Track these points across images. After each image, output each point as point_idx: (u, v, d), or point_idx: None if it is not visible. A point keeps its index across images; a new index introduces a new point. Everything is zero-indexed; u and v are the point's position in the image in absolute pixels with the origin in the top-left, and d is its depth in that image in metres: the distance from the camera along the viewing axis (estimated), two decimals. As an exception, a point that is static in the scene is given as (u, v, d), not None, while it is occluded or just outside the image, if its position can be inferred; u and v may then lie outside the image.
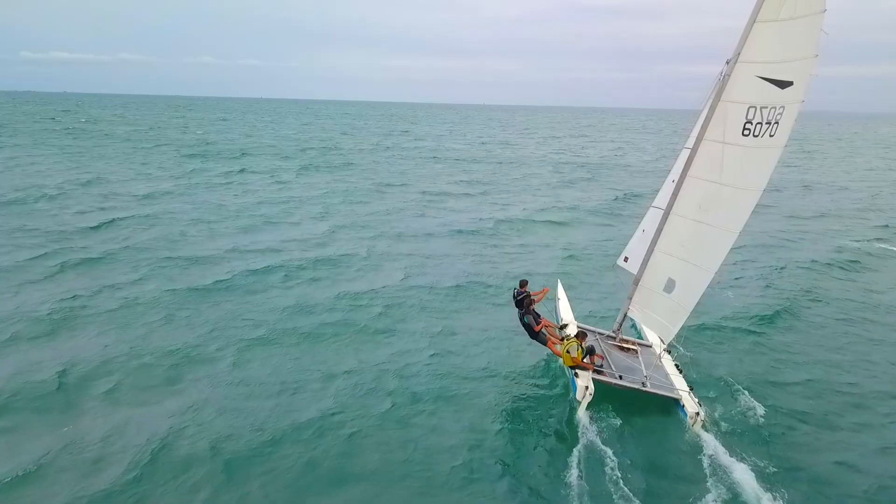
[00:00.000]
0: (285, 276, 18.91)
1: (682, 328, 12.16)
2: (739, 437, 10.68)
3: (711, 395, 11.95)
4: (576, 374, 11.25)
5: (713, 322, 15.71)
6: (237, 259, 20.70)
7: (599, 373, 11.61)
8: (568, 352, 11.37)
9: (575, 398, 11.14)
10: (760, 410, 11.45)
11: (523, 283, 12.82)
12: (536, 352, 13.71)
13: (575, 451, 10.07)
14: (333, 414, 11.13)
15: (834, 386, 12.80)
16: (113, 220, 25.83)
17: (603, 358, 12.20)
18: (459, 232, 25.72)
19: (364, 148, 66.82)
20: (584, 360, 11.47)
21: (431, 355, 13.49)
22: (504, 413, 11.37)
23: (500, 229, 26.63)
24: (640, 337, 13.96)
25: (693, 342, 14.39)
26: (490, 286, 18.61)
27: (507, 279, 18.76)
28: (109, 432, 10.42)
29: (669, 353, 13.03)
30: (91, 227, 24.65)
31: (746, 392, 12.09)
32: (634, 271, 12.61)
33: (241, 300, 16.67)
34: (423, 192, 36.57)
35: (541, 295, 12.92)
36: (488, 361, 13.36)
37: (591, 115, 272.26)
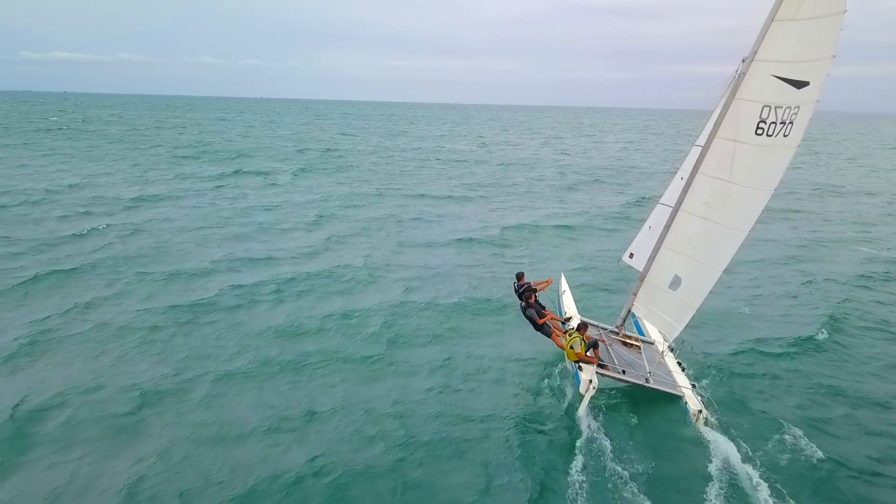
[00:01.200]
0: (274, 290, 17.47)
1: (693, 332, 12.19)
2: (753, 454, 10.07)
3: (736, 432, 10.62)
4: (579, 368, 11.09)
5: (743, 345, 14.34)
6: (223, 272, 19.27)
7: (603, 367, 11.48)
8: (572, 347, 11.14)
9: (578, 391, 10.98)
10: (792, 449, 10.27)
11: (520, 276, 12.69)
12: (542, 385, 12.35)
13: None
14: (315, 458, 9.76)
15: (876, 424, 11.32)
16: (94, 228, 24.46)
17: (604, 341, 12.33)
18: (461, 240, 24.23)
19: (363, 149, 65.43)
20: (588, 354, 11.25)
21: (428, 389, 12.04)
22: (509, 459, 10.03)
23: (506, 237, 25.15)
24: (640, 334, 13.79)
25: (723, 369, 13.07)
26: (492, 301, 17.17)
27: (511, 294, 17.29)
28: (56, 486, 9.03)
29: (672, 350, 12.88)
30: (71, 236, 23.26)
31: (781, 428, 10.84)
32: (639, 268, 12.52)
33: (224, 321, 15.23)
34: (424, 196, 35.18)
35: (543, 285, 12.80)
36: (491, 395, 11.94)
37: (592, 114, 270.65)
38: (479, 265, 20.91)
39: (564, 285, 14.71)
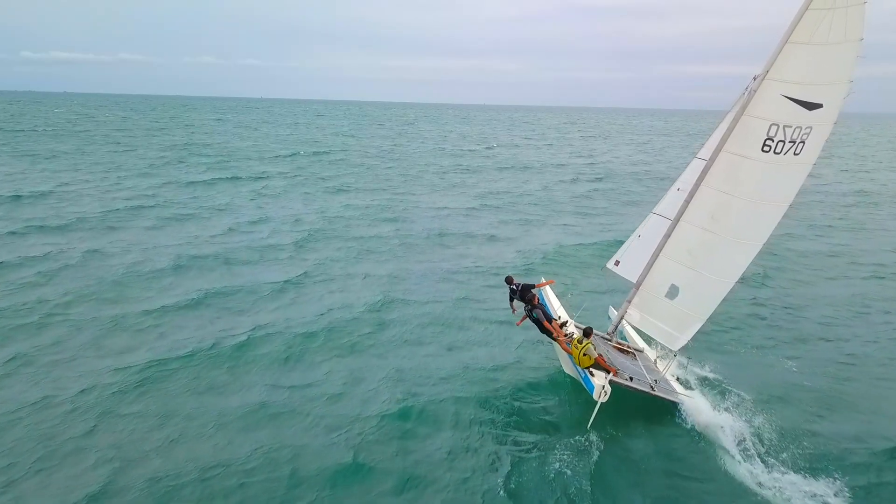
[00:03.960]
0: (243, 345, 13.65)
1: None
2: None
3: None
4: (590, 374, 10.75)
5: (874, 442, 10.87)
6: (184, 315, 15.54)
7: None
8: (585, 353, 10.76)
9: (584, 398, 10.91)
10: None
11: (510, 279, 12.19)
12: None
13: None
14: None
15: None
16: (49, 252, 20.80)
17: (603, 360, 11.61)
18: (475, 270, 20.30)
19: (362, 152, 61.81)
20: (606, 363, 11.01)
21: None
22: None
23: (527, 264, 21.14)
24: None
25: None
26: (523, 389, 12.46)
27: (546, 360, 13.77)
28: None
29: (661, 358, 12.86)
30: (17, 259, 19.81)
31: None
32: (625, 275, 12.54)
33: (171, 392, 11.65)
34: (429, 208, 31.60)
35: (542, 284, 12.77)
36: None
37: (594, 115, 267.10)
38: (498, 305, 16.92)
39: (550, 293, 13.94)
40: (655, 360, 12.76)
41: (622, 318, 12.86)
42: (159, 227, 25.63)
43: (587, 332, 11.13)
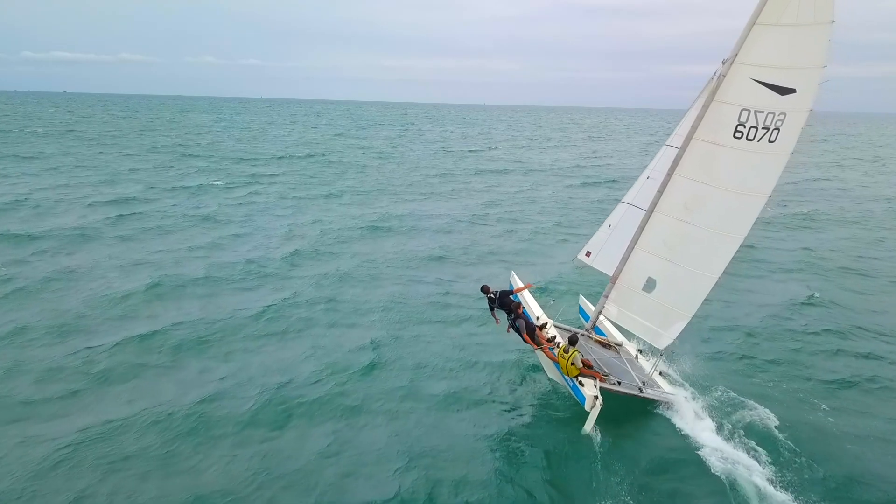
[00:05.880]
0: (191, 415, 10.88)
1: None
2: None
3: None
4: (579, 383, 10.42)
5: None
6: (132, 361, 12.82)
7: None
8: (573, 363, 10.41)
9: (578, 408, 10.55)
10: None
11: (486, 289, 11.81)
12: None
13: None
14: None
15: None
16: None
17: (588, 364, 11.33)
18: (481, 295, 17.67)
19: (361, 154, 59.41)
20: (593, 370, 10.88)
21: None
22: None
23: (546, 287, 18.40)
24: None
25: None
26: (528, 451, 10.95)
27: (553, 414, 11.49)
28: None
29: (641, 352, 12.70)
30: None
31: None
32: (599, 267, 12.18)
33: (80, 486, 9.13)
34: (434, 217, 29.21)
35: (522, 289, 12.40)
36: None
37: (595, 115, 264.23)
38: (505, 341, 13.59)
39: (527, 294, 13.33)
40: (636, 355, 12.51)
41: (600, 312, 12.54)
42: (135, 239, 23.36)
43: (572, 340, 10.71)
